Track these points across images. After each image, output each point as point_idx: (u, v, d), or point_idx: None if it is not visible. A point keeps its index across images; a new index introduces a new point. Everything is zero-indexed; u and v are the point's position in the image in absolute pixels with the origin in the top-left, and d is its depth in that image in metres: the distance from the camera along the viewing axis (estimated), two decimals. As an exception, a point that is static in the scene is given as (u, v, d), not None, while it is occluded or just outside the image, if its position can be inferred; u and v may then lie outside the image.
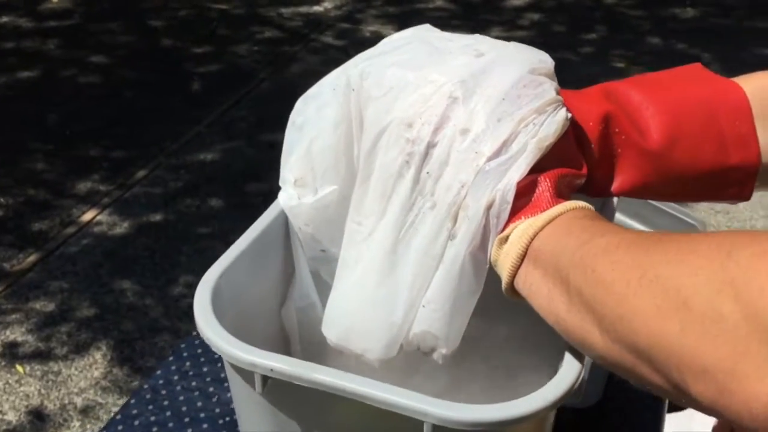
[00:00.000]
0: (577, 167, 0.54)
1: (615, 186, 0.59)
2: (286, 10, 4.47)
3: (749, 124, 0.64)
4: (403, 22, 4.29)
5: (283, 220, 0.64)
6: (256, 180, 2.88)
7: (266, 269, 0.63)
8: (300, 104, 0.63)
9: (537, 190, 0.50)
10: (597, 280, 0.42)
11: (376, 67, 0.55)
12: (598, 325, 0.42)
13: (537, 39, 4.06)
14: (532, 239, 0.48)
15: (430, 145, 0.51)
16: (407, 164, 0.51)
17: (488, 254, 0.50)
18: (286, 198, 0.63)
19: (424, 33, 0.61)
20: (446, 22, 4.29)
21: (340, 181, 0.59)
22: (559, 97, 0.53)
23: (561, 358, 0.49)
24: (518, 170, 0.49)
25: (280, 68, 3.78)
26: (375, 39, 4.08)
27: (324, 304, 0.62)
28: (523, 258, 0.48)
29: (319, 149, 0.60)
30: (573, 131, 0.55)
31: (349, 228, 0.57)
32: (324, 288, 0.64)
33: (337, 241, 0.60)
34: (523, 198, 0.50)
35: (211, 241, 2.54)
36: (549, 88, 0.53)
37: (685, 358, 0.37)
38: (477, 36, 0.59)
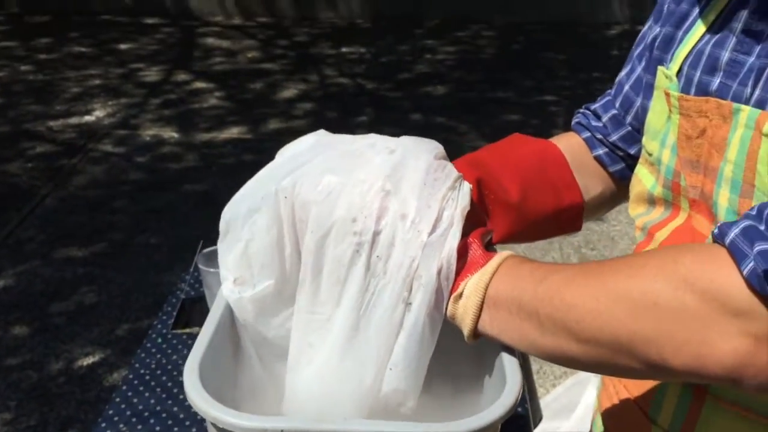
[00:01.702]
0: (485, 224, 0.69)
1: (494, 238, 0.75)
2: (55, 123, 4.32)
3: (569, 172, 0.84)
4: (181, 123, 4.35)
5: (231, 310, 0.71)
6: (59, 299, 2.75)
7: (228, 348, 0.70)
8: (228, 210, 0.69)
9: (470, 251, 0.62)
10: (569, 305, 0.55)
11: (308, 176, 0.64)
12: (575, 338, 0.55)
13: (314, 126, 4.30)
14: (486, 290, 0.60)
15: (376, 233, 0.61)
16: (357, 253, 0.61)
17: (443, 312, 0.61)
18: (228, 293, 0.71)
19: (325, 139, 0.70)
20: (224, 119, 4.42)
21: (275, 277, 0.67)
22: (460, 174, 0.66)
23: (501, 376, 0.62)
24: (455, 238, 0.61)
25: (62, 182, 3.64)
26: (156, 143, 4.09)
27: (272, 381, 0.70)
28: (481, 306, 0.60)
29: (255, 250, 0.67)
30: None
31: (303, 318, 0.65)
32: (269, 365, 0.72)
33: (277, 328, 0.69)
34: (462, 260, 0.62)
35: (23, 372, 2.38)
36: (451, 168, 0.65)
37: (663, 341, 0.51)
38: (371, 135, 0.72)
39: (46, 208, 3.41)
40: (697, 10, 0.72)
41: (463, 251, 0.62)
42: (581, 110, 0.93)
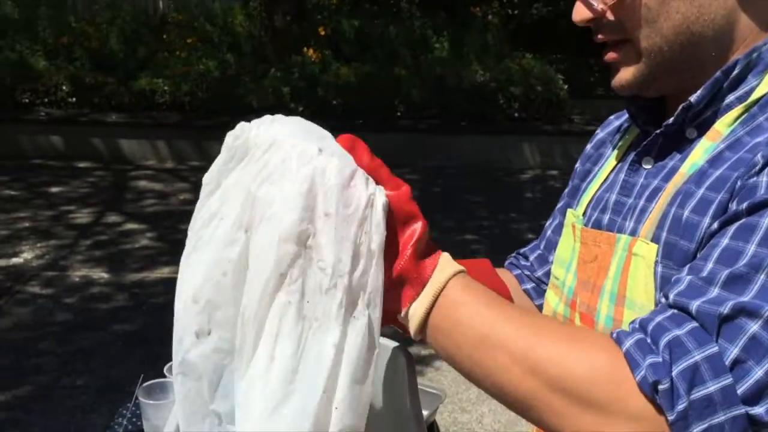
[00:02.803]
0: (418, 220, 0.69)
1: None
2: (-19, 265, 4.31)
3: (500, 280, 0.95)
4: (112, 263, 4.40)
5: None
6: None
7: None
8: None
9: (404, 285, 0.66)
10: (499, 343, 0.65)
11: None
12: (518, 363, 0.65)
13: (244, 265, 4.43)
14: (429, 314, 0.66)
15: (304, 283, 0.62)
16: (290, 304, 0.62)
17: (375, 351, 0.64)
18: None
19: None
20: (155, 259, 4.49)
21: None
22: (371, 193, 0.65)
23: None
24: (379, 270, 0.64)
25: (-13, 324, 3.61)
26: (85, 283, 4.11)
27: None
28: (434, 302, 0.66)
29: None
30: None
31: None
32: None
33: None
34: (394, 290, 0.66)
35: None
36: (360, 191, 0.64)
37: (567, 419, 0.62)
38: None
39: (-31, 351, 3.36)
40: (596, 168, 0.94)
41: (392, 285, 0.66)
42: (513, 255, 1.09)
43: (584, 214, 0.90)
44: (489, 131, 7.00)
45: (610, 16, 0.79)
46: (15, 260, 4.44)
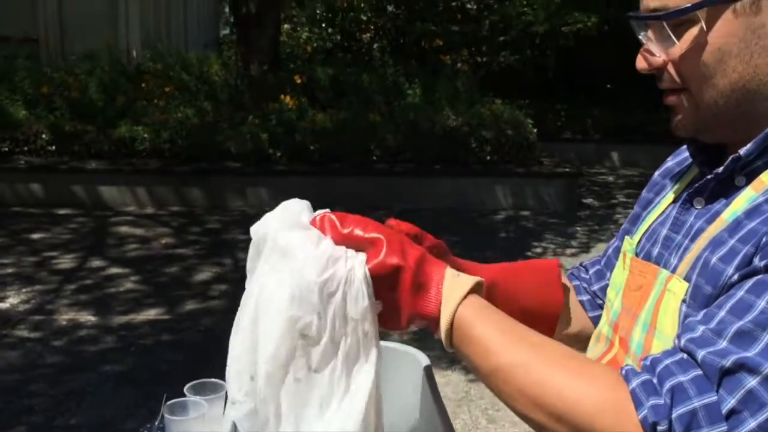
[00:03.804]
0: (402, 263, 0.76)
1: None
2: (-32, 311, 4.34)
3: (559, 286, 1.03)
4: (98, 307, 4.46)
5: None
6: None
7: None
8: None
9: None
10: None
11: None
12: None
13: (231, 306, 4.52)
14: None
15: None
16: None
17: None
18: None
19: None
20: (141, 301, 4.57)
21: None
22: (349, 265, 0.75)
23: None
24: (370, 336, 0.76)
25: (-23, 368, 3.64)
26: (73, 326, 4.17)
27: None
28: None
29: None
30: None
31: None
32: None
33: None
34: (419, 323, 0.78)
35: None
36: (339, 272, 0.75)
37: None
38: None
39: (-39, 394, 3.39)
40: (657, 199, 0.98)
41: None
42: (576, 266, 1.15)
43: (639, 242, 0.94)
44: (462, 174, 7.22)
45: (670, 68, 0.82)
46: (1, 305, 4.48)
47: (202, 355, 3.82)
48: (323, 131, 7.30)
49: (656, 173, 1.04)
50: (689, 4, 0.77)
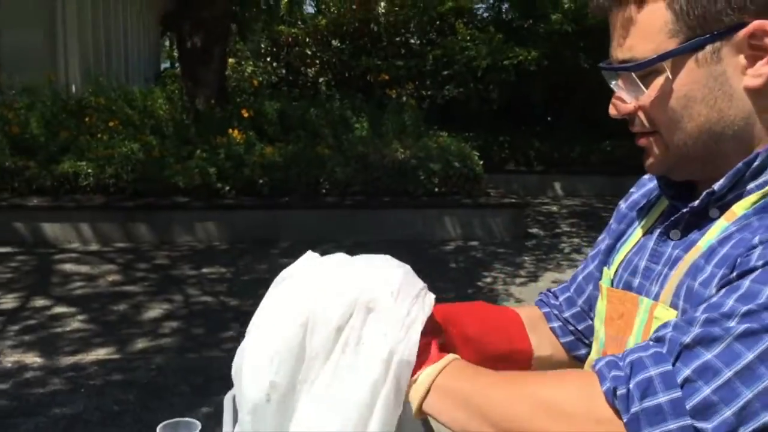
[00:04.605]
0: (440, 334, 0.90)
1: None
2: None
3: (522, 327, 1.10)
4: (44, 347, 4.33)
5: None
6: None
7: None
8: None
9: (430, 350, 0.84)
10: (493, 402, 0.77)
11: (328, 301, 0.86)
12: (493, 426, 0.76)
13: (183, 342, 4.44)
14: (434, 379, 0.81)
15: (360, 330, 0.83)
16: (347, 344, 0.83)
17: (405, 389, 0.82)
18: None
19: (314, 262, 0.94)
20: (89, 341, 4.45)
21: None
22: (425, 284, 0.88)
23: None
24: (417, 333, 0.82)
25: None
26: (18, 369, 4.03)
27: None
28: (428, 391, 0.81)
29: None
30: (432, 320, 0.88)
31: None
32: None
33: None
34: (422, 355, 0.83)
35: None
36: (418, 281, 0.89)
37: None
38: (349, 258, 0.95)
39: None
40: (629, 230, 1.03)
41: (422, 350, 0.84)
42: (543, 292, 1.19)
43: (616, 272, 0.98)
44: (411, 206, 7.30)
45: (640, 114, 0.88)
46: (-60, 349, 4.30)
47: (154, 394, 3.74)
48: (272, 165, 7.29)
49: (622, 204, 1.09)
50: (655, 56, 0.82)
